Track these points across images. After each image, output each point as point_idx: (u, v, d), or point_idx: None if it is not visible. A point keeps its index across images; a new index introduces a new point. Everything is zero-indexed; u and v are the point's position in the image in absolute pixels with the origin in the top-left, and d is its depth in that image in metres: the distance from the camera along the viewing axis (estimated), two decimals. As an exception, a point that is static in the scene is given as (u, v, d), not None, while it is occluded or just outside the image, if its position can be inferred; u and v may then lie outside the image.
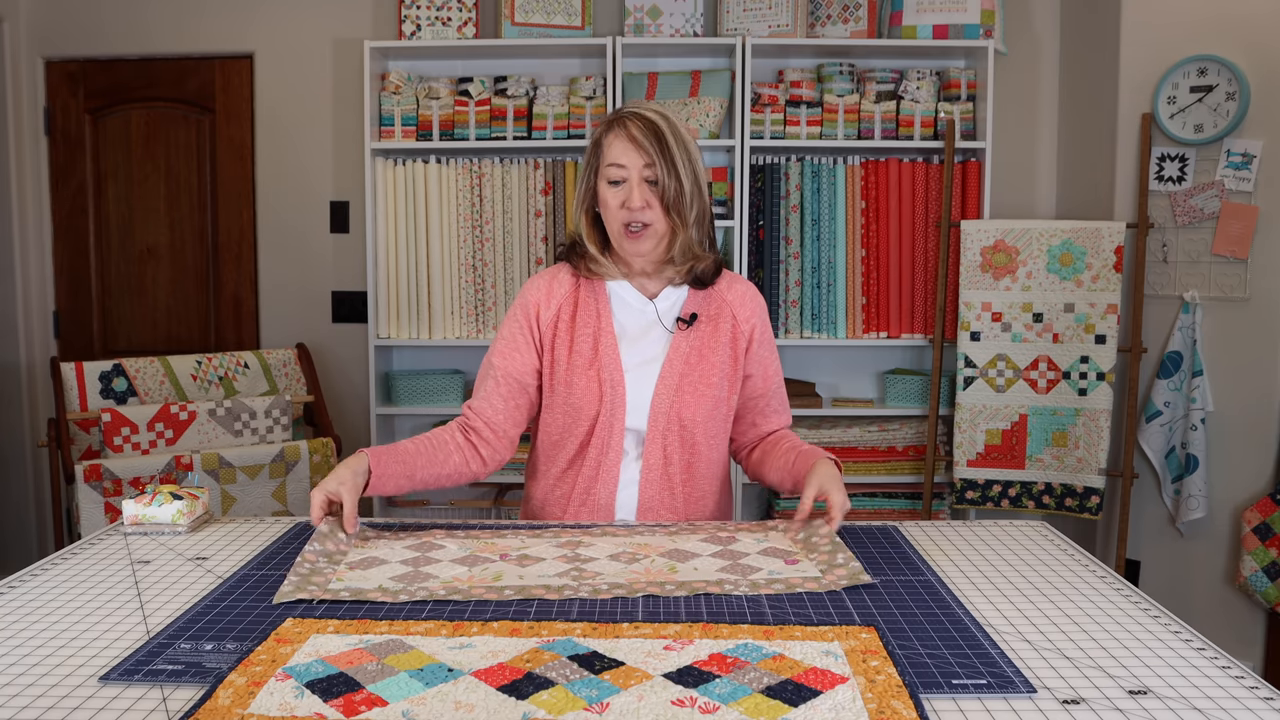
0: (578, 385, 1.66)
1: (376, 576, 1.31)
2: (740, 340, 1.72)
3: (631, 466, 1.68)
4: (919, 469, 3.23)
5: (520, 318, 1.72)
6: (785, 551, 1.44)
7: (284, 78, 3.48)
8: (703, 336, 1.70)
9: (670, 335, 1.70)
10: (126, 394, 2.96)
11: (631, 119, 1.63)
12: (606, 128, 1.66)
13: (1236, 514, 2.87)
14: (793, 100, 3.20)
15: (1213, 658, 1.08)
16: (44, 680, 1.02)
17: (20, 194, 3.48)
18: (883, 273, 3.24)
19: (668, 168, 1.61)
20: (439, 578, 1.31)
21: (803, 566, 1.37)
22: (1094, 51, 3.17)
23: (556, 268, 1.77)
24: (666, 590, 1.26)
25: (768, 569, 1.35)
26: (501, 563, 1.37)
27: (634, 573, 1.33)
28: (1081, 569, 1.39)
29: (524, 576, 1.32)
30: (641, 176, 1.62)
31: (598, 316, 1.70)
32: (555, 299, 1.72)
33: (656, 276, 1.73)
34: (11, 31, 3.44)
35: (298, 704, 0.95)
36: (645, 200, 1.62)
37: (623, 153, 1.62)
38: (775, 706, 0.94)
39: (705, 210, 1.69)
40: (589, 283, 1.73)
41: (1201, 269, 2.92)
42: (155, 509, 1.58)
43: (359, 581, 1.29)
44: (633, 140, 1.62)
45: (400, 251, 3.26)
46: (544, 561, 1.38)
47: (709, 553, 1.42)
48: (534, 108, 3.23)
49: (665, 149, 1.61)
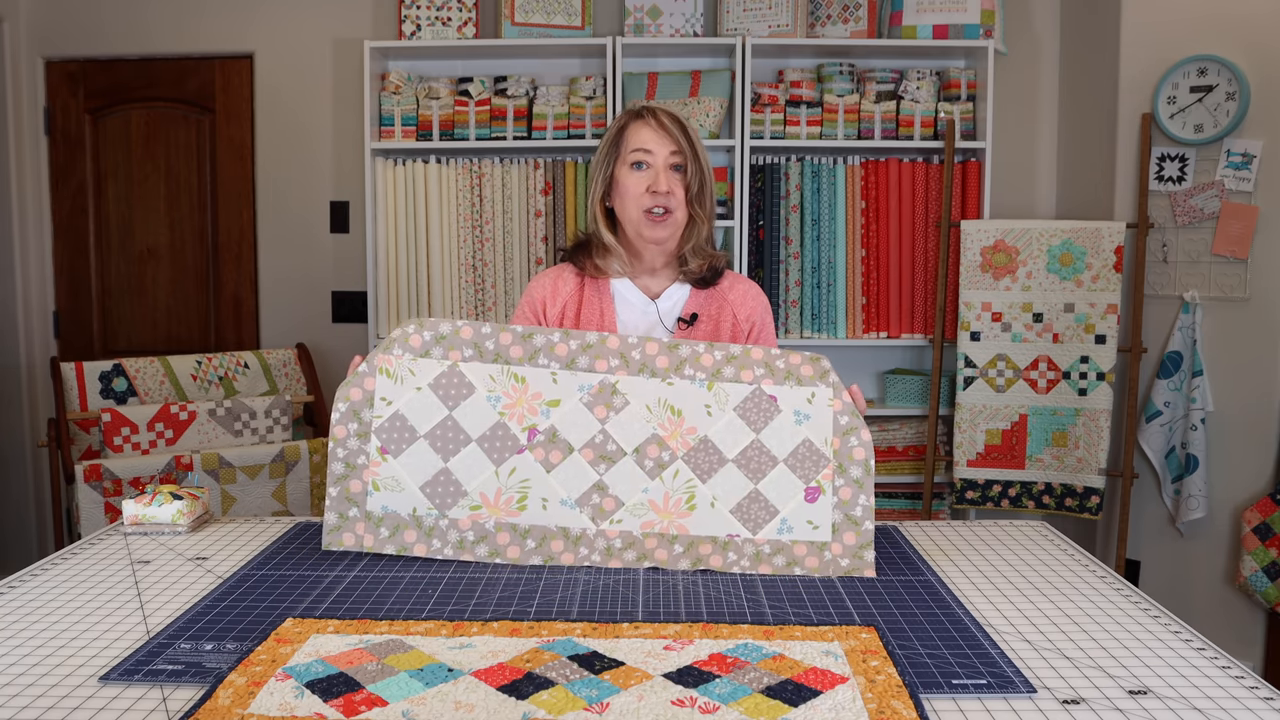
0: None
1: (409, 492, 1.33)
2: (740, 338, 1.74)
3: None
4: (919, 469, 3.23)
5: (529, 313, 1.75)
6: (814, 463, 1.38)
7: (284, 78, 3.48)
8: (703, 336, 1.72)
9: (671, 335, 1.72)
10: (126, 394, 2.96)
11: (659, 111, 1.68)
12: (631, 117, 1.69)
13: (1236, 514, 2.87)
14: (793, 100, 3.20)
15: (1213, 658, 1.08)
16: (44, 680, 1.02)
17: (20, 194, 3.48)
18: (883, 273, 3.24)
19: (694, 158, 1.66)
20: (468, 494, 1.33)
21: (820, 508, 1.34)
22: (1094, 51, 3.17)
23: (561, 267, 1.79)
24: (675, 553, 1.25)
25: (784, 511, 1.34)
26: (528, 457, 1.37)
27: (652, 506, 1.33)
28: (1081, 569, 1.39)
29: (547, 502, 1.32)
30: (668, 163, 1.65)
31: (601, 315, 1.72)
32: (561, 296, 1.74)
33: (661, 275, 1.74)
34: (11, 31, 3.44)
35: (298, 704, 0.95)
36: (670, 186, 1.65)
37: (650, 139, 1.65)
38: (775, 706, 0.94)
39: (713, 211, 1.74)
40: (593, 282, 1.75)
41: (1201, 269, 2.92)
42: (155, 509, 1.58)
43: (394, 503, 1.31)
44: (662, 127, 1.66)
45: (400, 251, 3.26)
46: (571, 458, 1.37)
47: (735, 452, 1.38)
48: (534, 108, 3.23)
49: (692, 142, 1.67)
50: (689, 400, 1.40)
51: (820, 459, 1.38)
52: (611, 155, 1.69)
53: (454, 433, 1.39)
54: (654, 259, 1.71)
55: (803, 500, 1.36)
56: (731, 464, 1.37)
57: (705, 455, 1.38)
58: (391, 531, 1.25)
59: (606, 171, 1.70)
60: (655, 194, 1.64)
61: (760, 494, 1.35)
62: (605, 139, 1.72)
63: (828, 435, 1.38)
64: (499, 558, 1.33)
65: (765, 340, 1.78)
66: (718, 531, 1.30)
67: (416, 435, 1.36)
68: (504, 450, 1.35)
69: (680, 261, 1.72)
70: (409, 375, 1.41)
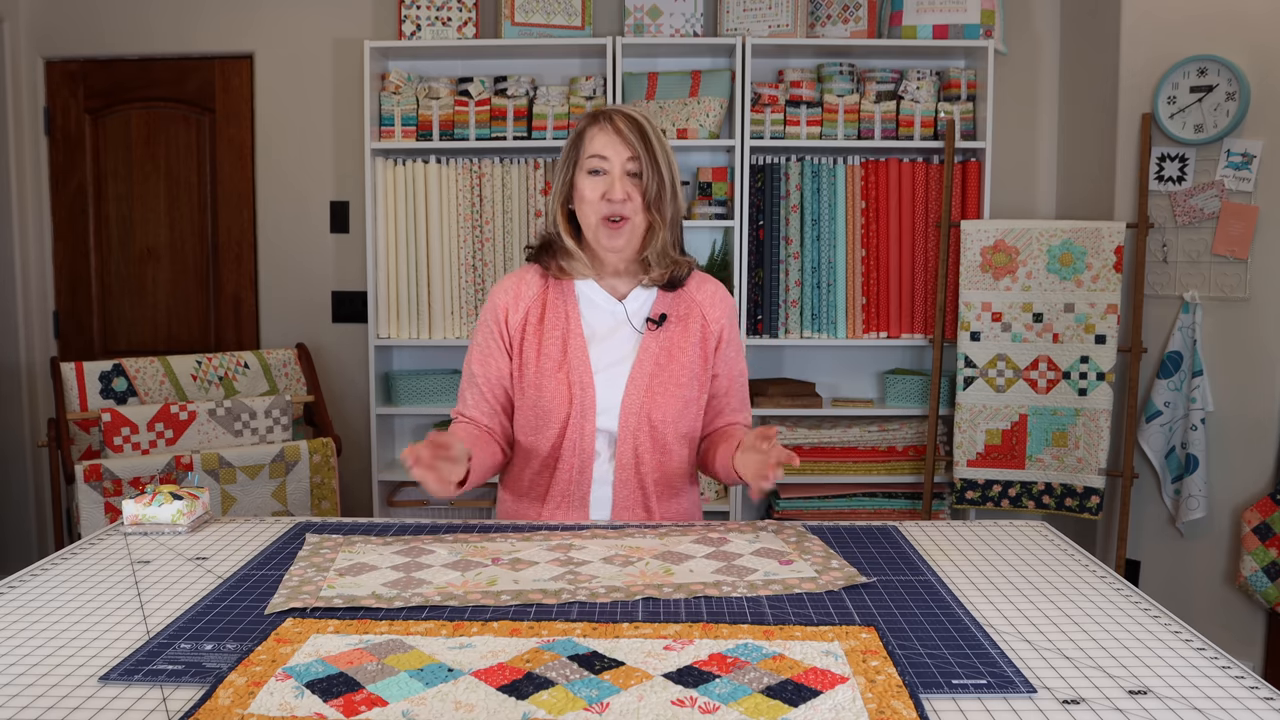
0: (547, 388, 1.66)
1: (368, 583, 1.30)
2: (710, 340, 1.73)
3: (604, 467, 1.69)
4: (919, 469, 3.23)
5: (490, 323, 1.72)
6: (778, 552, 1.44)
7: (284, 78, 3.48)
8: (672, 337, 1.70)
9: (639, 336, 1.70)
10: (126, 394, 2.96)
11: (615, 114, 1.65)
12: (589, 121, 1.67)
13: (1236, 514, 2.87)
14: (793, 100, 3.20)
15: (1213, 658, 1.08)
16: (44, 680, 1.02)
17: (20, 194, 3.48)
18: (883, 273, 3.24)
19: (650, 163, 1.63)
20: (432, 583, 1.30)
21: (798, 567, 1.37)
22: (1094, 51, 3.17)
23: (524, 269, 1.77)
24: (665, 593, 1.25)
25: (763, 570, 1.35)
26: (494, 567, 1.37)
27: (630, 575, 1.33)
28: (1081, 569, 1.39)
29: (519, 581, 1.31)
30: (624, 169, 1.63)
31: (566, 318, 1.70)
32: (523, 301, 1.72)
33: (627, 276, 1.73)
34: (11, 31, 3.44)
35: (298, 704, 0.95)
36: (626, 193, 1.62)
37: (606, 144, 1.63)
38: (775, 706, 0.94)
39: (679, 213, 1.71)
40: (557, 284, 1.73)
41: (1201, 269, 2.92)
42: (155, 509, 1.58)
43: (351, 589, 1.28)
44: (618, 133, 1.63)
45: (400, 251, 3.26)
46: (537, 565, 1.37)
47: (702, 554, 1.42)
48: (534, 108, 3.23)
49: (649, 145, 1.63)
50: (646, 541, 1.49)
51: (782, 552, 1.45)
52: (570, 160, 1.68)
53: (417, 559, 1.41)
54: (615, 264, 1.70)
55: (778, 564, 1.39)
56: (701, 558, 1.41)
57: (672, 556, 1.42)
58: (346, 602, 1.23)
59: (566, 176, 1.68)
60: (610, 201, 1.61)
61: (736, 566, 1.37)
62: (566, 143, 1.70)
63: (782, 547, 1.48)
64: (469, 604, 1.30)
65: (734, 341, 1.76)
66: (705, 579, 1.32)
67: (378, 567, 1.37)
68: (469, 567, 1.37)
69: (644, 266, 1.70)
70: (368, 547, 1.47)
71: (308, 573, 1.35)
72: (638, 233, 1.65)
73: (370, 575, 1.33)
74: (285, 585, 1.30)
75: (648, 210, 1.64)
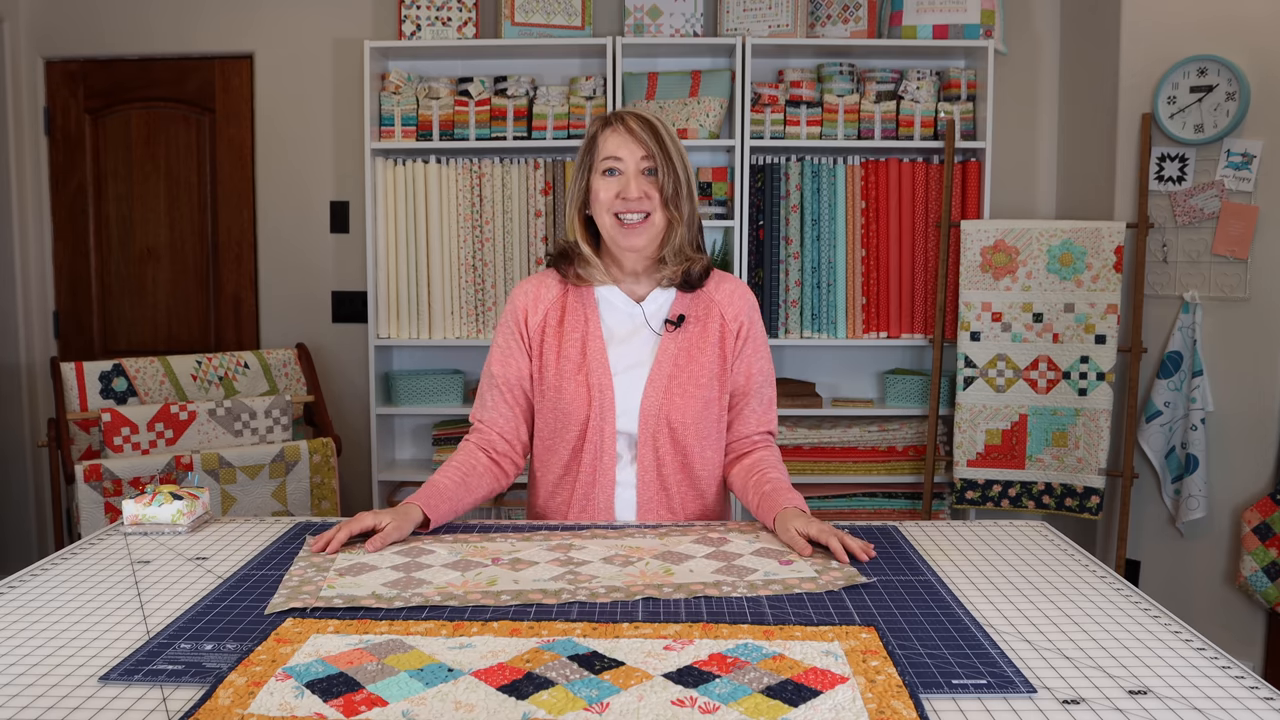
0: (567, 390, 1.67)
1: (368, 583, 1.30)
2: (729, 339, 1.72)
3: (627, 469, 1.69)
4: (919, 469, 3.23)
5: (510, 324, 1.74)
6: (778, 551, 1.44)
7: (284, 78, 3.48)
8: (691, 338, 1.70)
9: (658, 338, 1.70)
10: (126, 394, 2.96)
11: (628, 115, 1.67)
12: (602, 125, 1.68)
13: (1236, 514, 2.87)
14: (793, 100, 3.20)
15: (1213, 658, 1.08)
16: (44, 680, 1.02)
17: (20, 194, 3.48)
18: (883, 273, 3.24)
19: (665, 161, 1.64)
20: (432, 583, 1.30)
21: (798, 567, 1.37)
22: (1094, 51, 3.17)
23: (544, 273, 1.78)
24: (665, 593, 1.26)
25: (763, 570, 1.35)
26: (494, 567, 1.37)
27: (630, 575, 1.33)
28: (1081, 569, 1.39)
29: (519, 581, 1.31)
30: (639, 169, 1.64)
31: (585, 320, 1.70)
32: (543, 304, 1.73)
33: (645, 279, 1.73)
34: (11, 31, 3.43)
35: (298, 704, 0.95)
36: (643, 191, 1.63)
37: (620, 145, 1.64)
38: (775, 706, 0.94)
39: (695, 212, 1.71)
40: (576, 289, 1.74)
41: (1201, 269, 2.92)
42: (155, 509, 1.58)
43: (351, 589, 1.28)
44: (631, 133, 1.64)
45: (400, 251, 3.26)
46: (537, 565, 1.37)
47: (702, 554, 1.42)
48: (534, 108, 3.23)
49: (662, 143, 1.65)
50: (646, 541, 1.50)
51: (782, 551, 1.45)
52: (585, 165, 1.69)
53: (417, 559, 1.41)
54: (634, 264, 1.70)
55: (778, 564, 1.39)
56: (701, 558, 1.41)
57: (672, 556, 1.42)
58: (346, 602, 1.23)
59: (582, 181, 1.70)
60: (626, 200, 1.63)
61: (736, 566, 1.37)
62: (580, 148, 1.71)
63: (782, 547, 1.48)
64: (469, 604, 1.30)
65: (755, 339, 1.74)
66: (705, 579, 1.32)
67: (378, 567, 1.38)
68: (469, 567, 1.38)
69: (661, 265, 1.70)
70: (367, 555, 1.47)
71: (308, 573, 1.35)
72: (658, 230, 1.66)
73: (370, 575, 1.34)
74: (285, 585, 1.30)
75: (666, 207, 1.65)
